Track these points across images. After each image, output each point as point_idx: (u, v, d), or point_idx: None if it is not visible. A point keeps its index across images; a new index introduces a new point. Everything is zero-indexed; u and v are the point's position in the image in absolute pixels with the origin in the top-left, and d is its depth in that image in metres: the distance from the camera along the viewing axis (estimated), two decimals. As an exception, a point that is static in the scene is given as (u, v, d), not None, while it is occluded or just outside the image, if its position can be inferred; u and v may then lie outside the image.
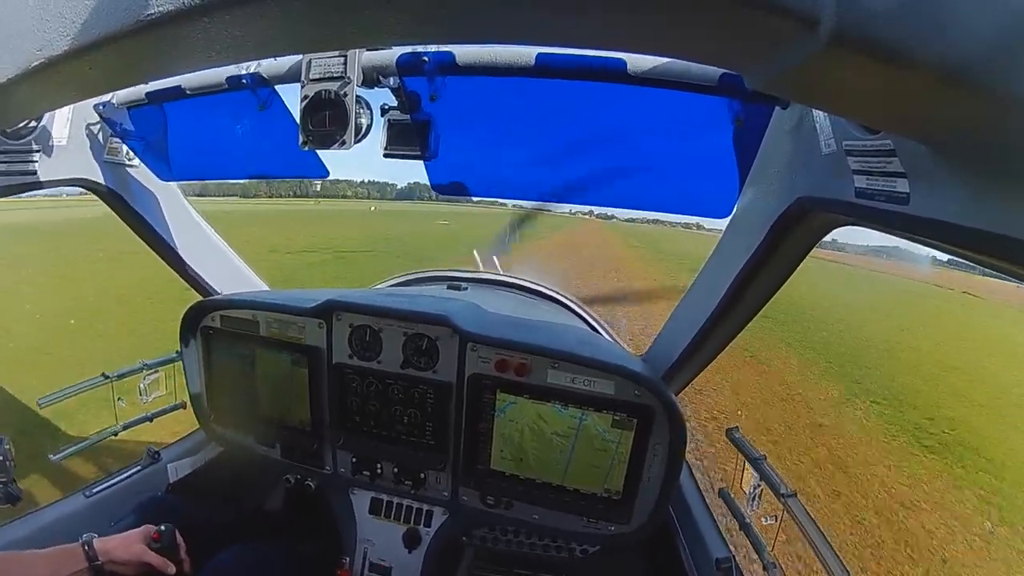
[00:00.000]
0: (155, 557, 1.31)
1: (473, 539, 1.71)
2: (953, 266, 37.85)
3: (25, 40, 0.48)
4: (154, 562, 1.31)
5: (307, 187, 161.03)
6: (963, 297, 29.42)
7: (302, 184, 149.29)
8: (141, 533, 1.34)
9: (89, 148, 1.47)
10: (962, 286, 33.40)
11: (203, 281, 1.91)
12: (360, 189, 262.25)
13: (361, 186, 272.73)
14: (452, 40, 0.93)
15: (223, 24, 0.42)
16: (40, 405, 1.65)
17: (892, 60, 0.36)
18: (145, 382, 1.87)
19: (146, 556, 1.30)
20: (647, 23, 0.41)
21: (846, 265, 44.55)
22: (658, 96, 1.01)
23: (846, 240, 47.21)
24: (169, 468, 1.86)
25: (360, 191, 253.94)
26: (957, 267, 33.13)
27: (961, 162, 0.57)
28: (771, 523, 1.33)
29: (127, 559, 1.27)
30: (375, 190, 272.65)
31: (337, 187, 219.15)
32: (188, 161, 1.63)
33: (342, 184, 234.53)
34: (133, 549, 1.29)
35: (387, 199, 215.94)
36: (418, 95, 1.15)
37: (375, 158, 4.88)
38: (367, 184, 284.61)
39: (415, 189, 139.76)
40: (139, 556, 1.29)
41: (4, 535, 1.41)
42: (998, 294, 30.69)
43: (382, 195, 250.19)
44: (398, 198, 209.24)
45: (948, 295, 29.80)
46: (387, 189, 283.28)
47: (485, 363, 1.51)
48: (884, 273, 40.43)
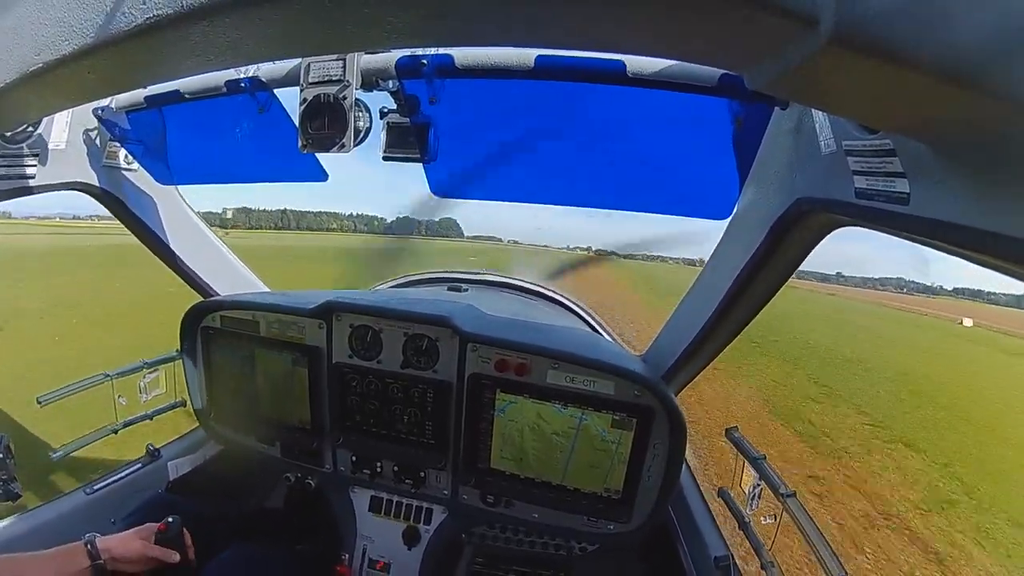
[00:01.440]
0: (158, 549, 1.31)
1: (473, 537, 1.72)
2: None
3: (23, 45, 0.48)
4: (157, 555, 1.31)
5: (289, 220, 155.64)
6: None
7: (284, 216, 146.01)
8: (144, 530, 1.34)
9: (87, 152, 1.47)
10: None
11: (203, 282, 1.91)
12: (347, 222, 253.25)
13: (348, 219, 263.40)
14: (451, 43, 0.93)
15: (221, 28, 0.42)
16: (40, 403, 1.65)
17: (891, 60, 0.36)
18: (145, 380, 1.87)
19: (149, 551, 1.30)
20: (646, 24, 0.41)
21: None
22: (657, 97, 1.01)
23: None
24: (169, 466, 1.86)
25: (347, 224, 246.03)
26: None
27: (961, 162, 0.57)
28: (770, 522, 1.32)
29: (129, 555, 1.27)
30: (362, 223, 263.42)
31: (321, 219, 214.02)
32: (187, 165, 1.63)
33: (327, 216, 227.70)
34: (135, 545, 1.29)
35: (375, 233, 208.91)
36: (417, 98, 1.14)
37: (362, 189, 4.79)
38: (354, 217, 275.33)
39: (406, 223, 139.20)
40: (141, 551, 1.29)
41: (5, 532, 1.41)
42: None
43: (370, 228, 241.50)
44: (387, 232, 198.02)
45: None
46: (375, 223, 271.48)
47: (485, 363, 1.51)
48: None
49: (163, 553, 1.31)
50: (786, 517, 1.21)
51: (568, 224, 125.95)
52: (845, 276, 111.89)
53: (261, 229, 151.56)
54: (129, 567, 1.28)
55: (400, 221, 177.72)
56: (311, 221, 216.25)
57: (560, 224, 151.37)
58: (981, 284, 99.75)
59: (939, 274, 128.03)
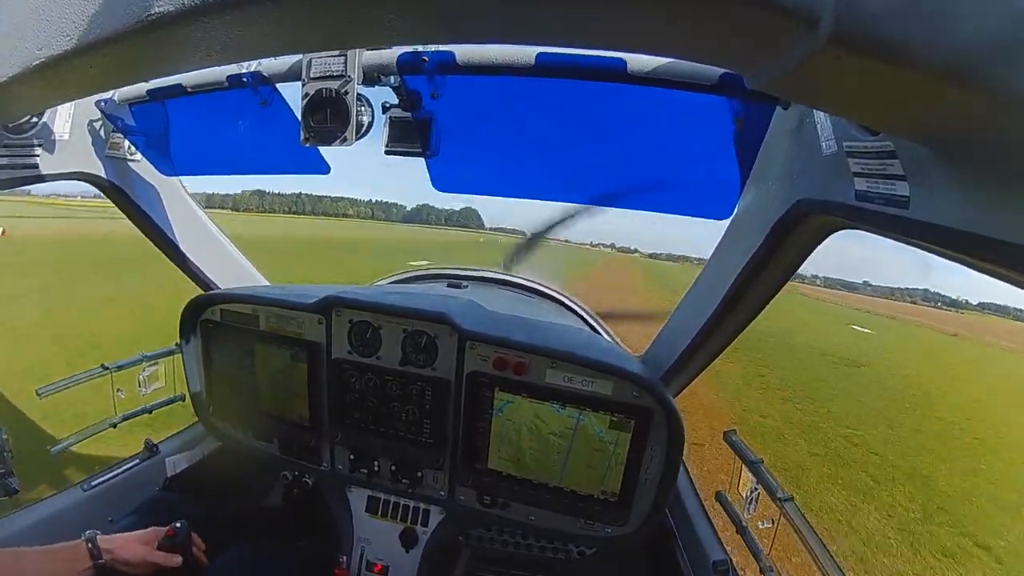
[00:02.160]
0: (160, 555, 1.31)
1: (470, 539, 1.71)
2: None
3: (26, 39, 0.48)
4: (159, 560, 1.31)
5: (304, 204, 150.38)
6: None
7: (299, 200, 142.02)
8: (149, 534, 1.34)
9: (91, 143, 1.47)
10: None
11: (203, 275, 1.92)
12: (364, 209, 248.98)
13: (366, 206, 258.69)
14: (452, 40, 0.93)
15: (223, 24, 0.42)
16: (39, 395, 1.65)
17: (892, 60, 0.36)
18: (144, 374, 1.88)
19: (151, 556, 1.30)
20: (647, 22, 0.41)
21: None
22: (658, 96, 1.01)
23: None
24: (167, 463, 1.86)
25: (364, 211, 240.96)
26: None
27: (962, 165, 0.56)
28: (767, 527, 1.32)
29: (131, 559, 1.27)
30: (380, 210, 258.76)
31: (338, 205, 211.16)
32: (190, 157, 1.63)
33: (344, 202, 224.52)
34: (137, 550, 1.29)
35: (392, 220, 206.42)
36: (419, 93, 1.15)
37: (383, 178, 4.51)
38: (372, 204, 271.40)
39: (422, 211, 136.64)
40: (144, 557, 1.29)
41: (3, 528, 1.41)
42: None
43: (387, 216, 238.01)
44: (405, 220, 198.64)
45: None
46: (393, 210, 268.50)
47: (483, 361, 1.51)
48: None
49: (165, 559, 1.31)
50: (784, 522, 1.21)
51: (593, 218, 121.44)
52: (872, 285, 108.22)
53: (275, 213, 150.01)
54: (130, 569, 1.28)
55: (418, 209, 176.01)
56: (327, 207, 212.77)
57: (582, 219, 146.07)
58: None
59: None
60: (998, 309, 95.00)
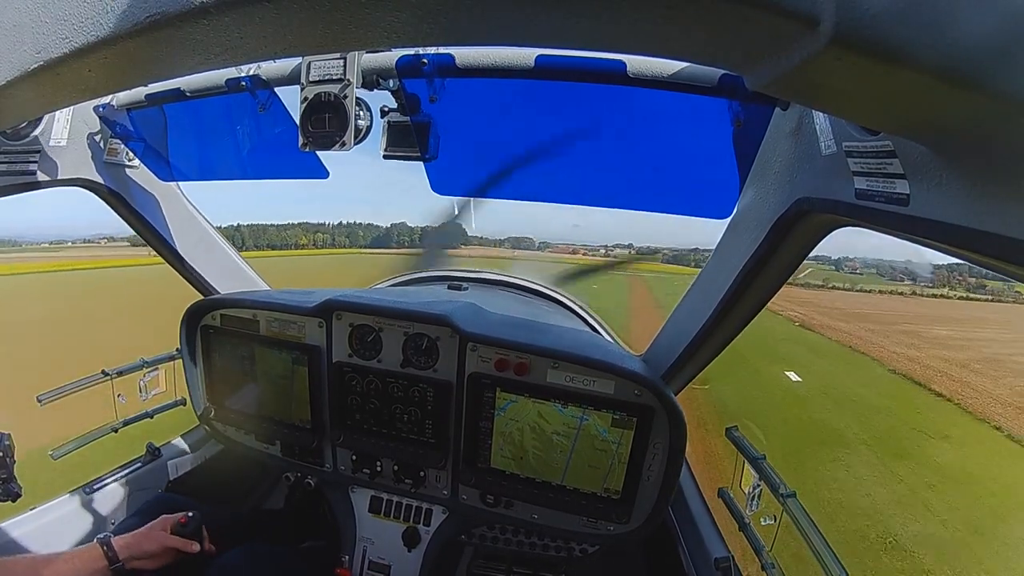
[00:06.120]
0: (177, 540, 1.32)
1: (473, 538, 1.71)
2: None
3: (24, 43, 0.47)
4: (177, 545, 1.32)
5: (244, 237, 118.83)
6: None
7: (238, 232, 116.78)
8: (160, 522, 1.36)
9: (89, 149, 1.47)
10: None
11: (203, 280, 1.91)
12: (319, 236, 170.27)
13: (327, 231, 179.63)
14: (452, 42, 0.93)
15: (222, 27, 0.42)
16: (40, 401, 1.65)
17: (891, 60, 0.36)
18: (145, 379, 1.88)
19: (168, 541, 1.31)
20: (648, 25, 0.41)
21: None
22: (658, 97, 1.01)
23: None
24: (169, 465, 1.86)
25: (319, 238, 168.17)
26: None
27: (961, 163, 0.57)
28: (770, 523, 1.32)
29: (151, 549, 1.28)
30: (343, 234, 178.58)
31: (286, 235, 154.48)
32: (188, 162, 1.63)
33: (296, 230, 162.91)
34: (155, 537, 1.30)
35: (359, 248, 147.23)
36: (417, 97, 1.14)
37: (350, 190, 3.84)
38: (332, 228, 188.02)
39: (392, 234, 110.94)
40: (162, 542, 1.30)
41: (6, 532, 1.41)
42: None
43: (352, 242, 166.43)
44: (372, 246, 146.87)
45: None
46: (359, 234, 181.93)
47: (485, 362, 1.51)
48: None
49: (183, 543, 1.32)
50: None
51: (606, 220, 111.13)
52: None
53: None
54: (148, 563, 1.28)
55: (387, 232, 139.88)
56: (272, 237, 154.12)
57: (599, 220, 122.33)
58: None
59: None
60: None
